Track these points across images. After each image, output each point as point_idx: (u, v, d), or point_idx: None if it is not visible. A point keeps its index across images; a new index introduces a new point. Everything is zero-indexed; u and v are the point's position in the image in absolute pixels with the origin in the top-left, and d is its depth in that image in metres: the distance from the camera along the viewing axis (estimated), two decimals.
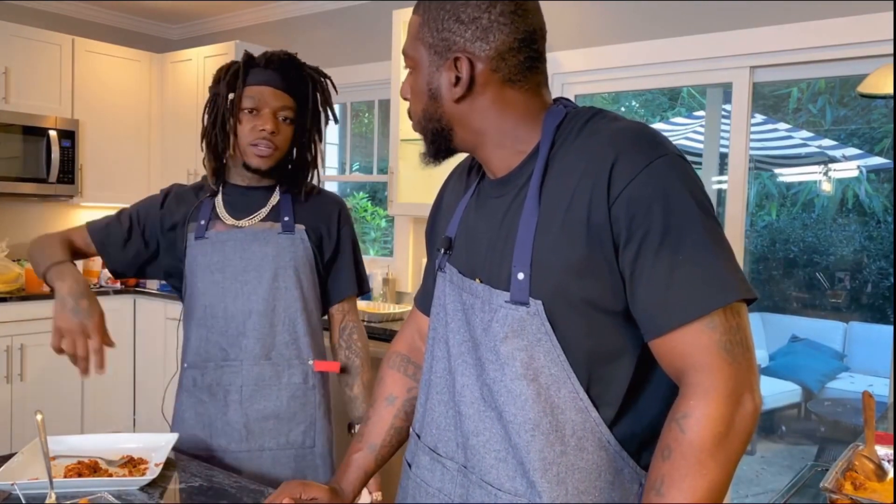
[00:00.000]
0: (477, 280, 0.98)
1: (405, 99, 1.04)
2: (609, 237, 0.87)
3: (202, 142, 1.63)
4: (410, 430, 1.14)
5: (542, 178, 0.93)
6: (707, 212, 0.87)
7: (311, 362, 1.63)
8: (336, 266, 1.72)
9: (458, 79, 0.94)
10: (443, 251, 1.06)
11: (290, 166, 1.68)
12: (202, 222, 1.63)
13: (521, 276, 0.90)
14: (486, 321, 0.95)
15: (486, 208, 1.01)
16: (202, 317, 1.62)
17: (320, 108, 1.67)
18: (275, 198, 1.65)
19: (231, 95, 1.58)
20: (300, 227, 1.63)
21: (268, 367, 1.60)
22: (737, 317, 0.84)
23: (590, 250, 0.87)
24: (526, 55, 0.95)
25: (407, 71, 1.03)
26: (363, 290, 1.78)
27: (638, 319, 0.89)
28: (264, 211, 1.64)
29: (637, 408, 0.94)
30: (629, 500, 0.93)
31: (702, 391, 0.82)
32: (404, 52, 1.01)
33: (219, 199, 1.66)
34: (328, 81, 1.70)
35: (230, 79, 1.58)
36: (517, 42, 0.94)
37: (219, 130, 1.60)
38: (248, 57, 1.60)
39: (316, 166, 1.70)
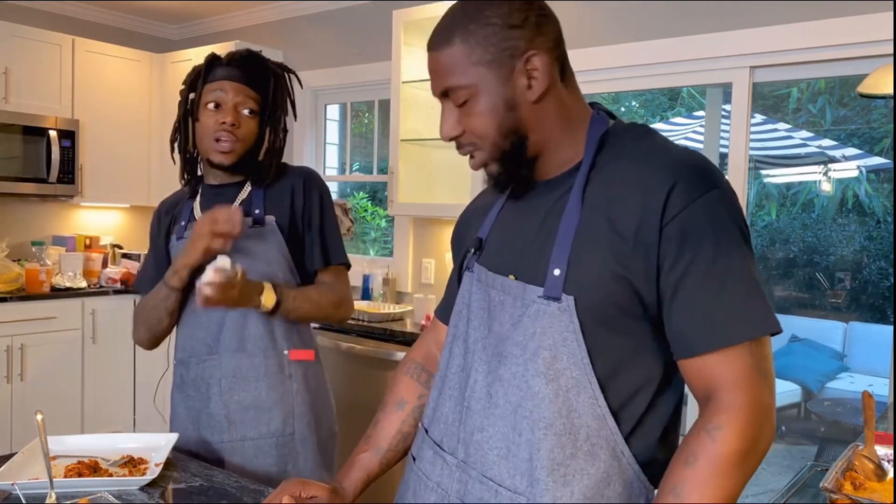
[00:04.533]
0: (511, 276, 0.99)
1: (452, 139, 1.00)
2: (655, 254, 0.90)
3: (171, 143, 1.69)
4: (419, 424, 1.15)
5: (585, 182, 0.95)
6: (749, 247, 0.92)
7: (286, 352, 1.65)
8: (306, 241, 1.69)
9: (530, 80, 0.95)
10: (472, 251, 1.08)
11: (258, 161, 1.69)
12: (182, 223, 1.68)
13: (557, 272, 0.92)
14: (516, 316, 0.96)
15: (528, 208, 1.02)
16: (186, 314, 1.66)
17: (282, 102, 1.68)
18: (244, 192, 1.67)
19: (192, 95, 1.62)
20: (270, 218, 1.65)
21: (244, 359, 1.62)
22: (766, 347, 0.90)
23: (630, 260, 0.90)
24: (564, 47, 1.00)
25: (445, 110, 1.00)
26: (330, 260, 1.71)
27: (673, 336, 0.91)
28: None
29: (650, 425, 0.95)
30: None
31: (736, 407, 0.86)
32: (450, 88, 0.97)
33: (197, 201, 1.70)
34: (292, 77, 1.71)
35: (192, 79, 1.63)
36: (558, 34, 0.99)
37: (181, 130, 1.65)
38: (212, 56, 1.64)
39: (280, 159, 1.70)
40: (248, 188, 1.68)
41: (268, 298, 1.54)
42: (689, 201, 0.88)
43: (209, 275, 1.41)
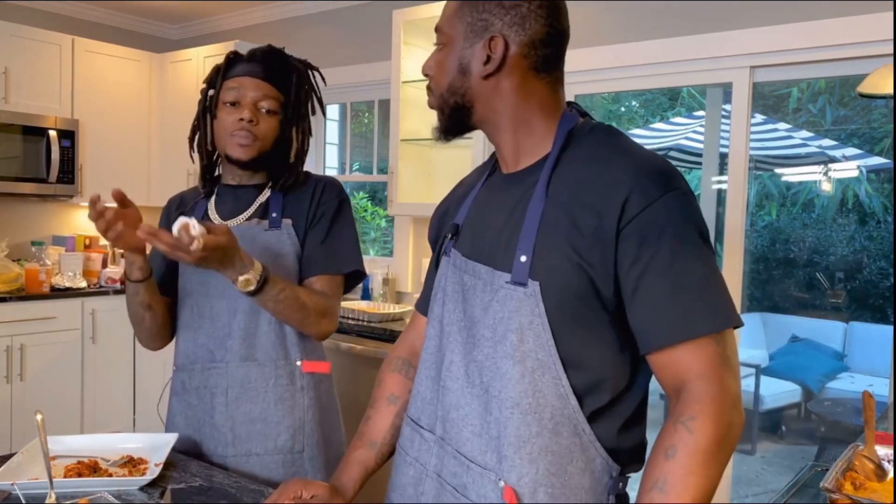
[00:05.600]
0: (480, 263, 1.04)
1: (426, 75, 1.09)
2: (612, 252, 0.93)
3: (189, 142, 1.64)
4: None
5: (550, 173, 0.99)
6: (708, 245, 0.95)
7: (298, 363, 1.57)
8: (304, 248, 1.60)
9: (489, 57, 1.01)
10: (450, 236, 1.12)
11: (282, 162, 1.62)
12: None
13: (523, 258, 0.96)
14: (486, 301, 1.00)
15: (497, 200, 1.07)
16: (189, 318, 1.58)
17: (306, 100, 1.62)
18: (263, 195, 1.61)
19: (211, 92, 1.58)
20: (287, 222, 1.57)
21: (254, 369, 1.54)
22: (730, 339, 0.93)
23: (588, 253, 0.94)
24: (552, 50, 1.03)
25: (433, 49, 1.09)
26: (335, 269, 1.59)
27: (637, 332, 0.94)
28: (251, 209, 1.60)
29: (612, 415, 0.98)
30: (599, 489, 0.97)
31: (709, 398, 0.88)
32: (438, 28, 1.07)
33: (212, 201, 1.64)
34: (315, 73, 1.66)
35: (211, 76, 1.59)
36: (548, 36, 1.02)
37: (201, 128, 1.60)
38: (233, 53, 1.59)
39: (302, 160, 1.63)
40: (267, 192, 1.61)
41: (245, 283, 1.37)
42: (647, 203, 0.92)
43: (176, 231, 1.27)
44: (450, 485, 1.02)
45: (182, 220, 1.27)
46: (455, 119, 1.07)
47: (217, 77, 1.57)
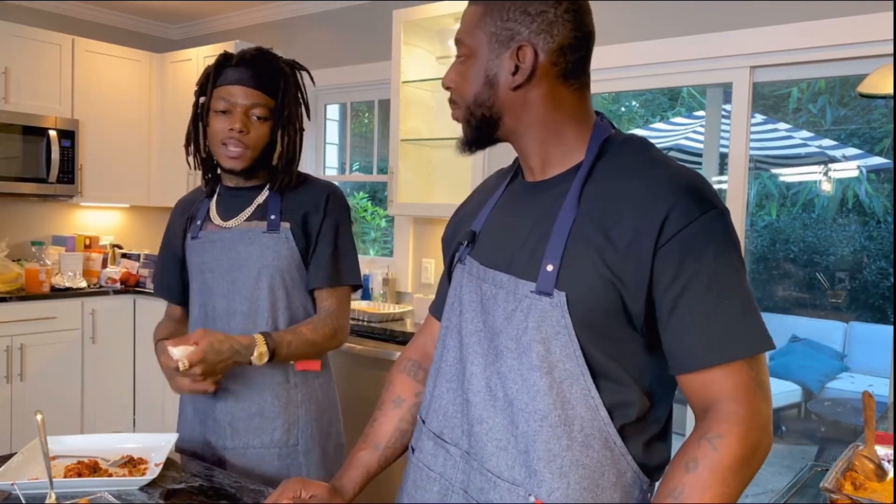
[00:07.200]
0: (502, 272, 1.01)
1: (447, 88, 1.06)
2: (648, 269, 0.91)
3: (185, 147, 1.66)
4: (418, 416, 1.16)
5: (583, 183, 0.97)
6: (744, 265, 0.94)
7: (291, 362, 1.62)
8: (313, 256, 1.65)
9: (517, 68, 0.98)
10: (465, 243, 1.09)
11: (273, 164, 1.65)
12: (198, 223, 1.67)
13: (549, 267, 0.94)
14: (509, 311, 0.97)
15: (523, 207, 1.04)
16: (197, 316, 1.67)
17: (294, 102, 1.63)
18: (261, 197, 1.64)
19: (202, 99, 1.60)
20: (285, 226, 1.61)
21: (250, 367, 1.57)
22: (762, 360, 0.92)
23: (619, 268, 0.91)
24: (581, 55, 1.00)
25: (453, 60, 1.06)
26: (341, 281, 1.66)
27: (672, 352, 0.92)
28: (249, 210, 1.63)
29: (638, 431, 0.97)
30: (630, 502, 0.95)
31: (738, 418, 0.88)
32: (459, 40, 1.03)
33: (213, 201, 1.69)
34: (302, 73, 1.67)
35: (202, 81, 1.61)
36: (576, 41, 0.98)
37: (192, 135, 1.64)
38: (223, 57, 1.60)
39: (293, 162, 1.64)
40: (265, 193, 1.64)
41: (260, 356, 1.49)
42: (689, 221, 0.90)
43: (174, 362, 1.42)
44: (477, 502, 0.99)
45: (168, 350, 1.42)
46: (482, 131, 1.04)
47: (207, 84, 1.59)
